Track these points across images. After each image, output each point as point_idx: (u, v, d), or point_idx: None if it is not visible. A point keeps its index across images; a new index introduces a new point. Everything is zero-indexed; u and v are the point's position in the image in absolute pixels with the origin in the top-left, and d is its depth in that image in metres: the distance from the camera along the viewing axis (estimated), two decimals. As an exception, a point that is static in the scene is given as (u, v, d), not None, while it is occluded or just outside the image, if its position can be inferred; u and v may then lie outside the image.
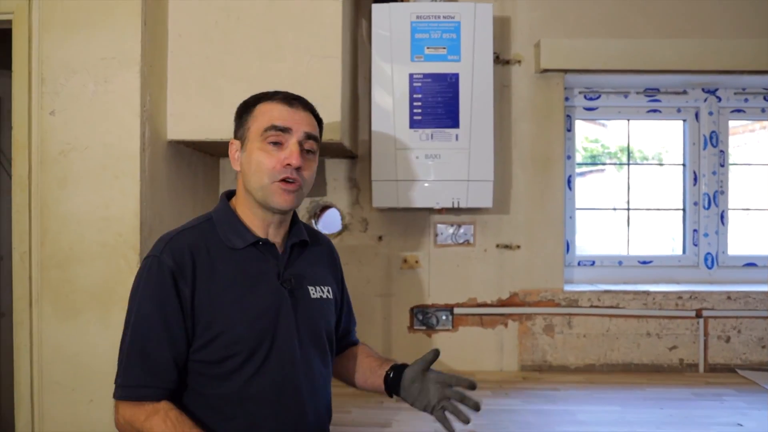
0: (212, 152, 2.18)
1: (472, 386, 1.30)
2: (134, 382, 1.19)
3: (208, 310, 1.22)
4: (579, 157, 2.55)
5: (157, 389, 1.19)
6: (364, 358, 1.47)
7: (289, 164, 1.23)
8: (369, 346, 1.55)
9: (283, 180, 1.24)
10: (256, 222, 1.30)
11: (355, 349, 1.52)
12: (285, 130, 1.25)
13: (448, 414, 1.31)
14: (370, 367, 1.44)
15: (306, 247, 1.38)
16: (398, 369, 1.37)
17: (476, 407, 1.30)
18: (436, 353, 1.35)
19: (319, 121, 1.35)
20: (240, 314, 1.23)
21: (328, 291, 1.38)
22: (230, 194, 1.37)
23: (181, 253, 1.23)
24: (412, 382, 1.33)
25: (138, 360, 1.19)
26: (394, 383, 1.36)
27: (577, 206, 2.48)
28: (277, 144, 1.25)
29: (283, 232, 1.34)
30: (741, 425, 1.69)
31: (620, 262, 2.50)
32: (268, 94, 1.31)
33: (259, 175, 1.25)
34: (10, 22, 1.69)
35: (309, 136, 1.27)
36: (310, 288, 1.34)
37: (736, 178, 2.54)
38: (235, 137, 1.32)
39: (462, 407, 1.31)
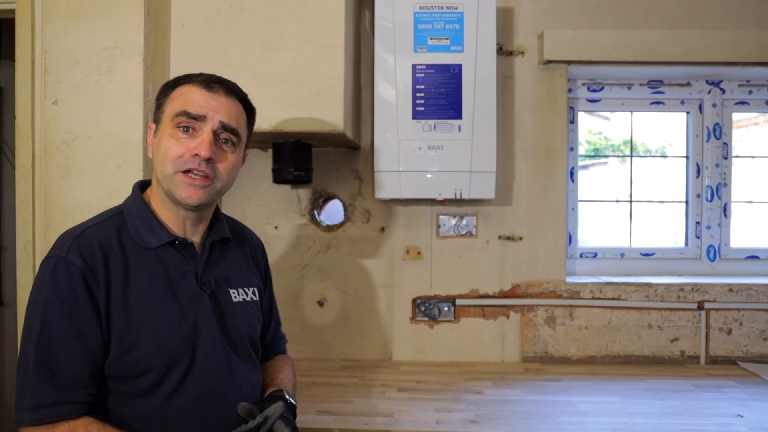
0: (215, 143, 2.18)
1: None
2: (46, 401, 1.02)
3: (122, 318, 1.08)
4: (582, 150, 2.55)
5: (74, 405, 1.03)
6: (267, 373, 1.35)
7: (197, 154, 1.11)
8: (286, 361, 1.44)
9: (187, 171, 1.12)
10: (171, 217, 1.18)
11: (273, 361, 1.41)
12: (198, 117, 1.13)
13: None
14: (268, 378, 1.34)
15: (228, 244, 1.28)
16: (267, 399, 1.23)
17: None
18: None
19: (250, 111, 1.25)
20: (157, 322, 1.10)
21: (253, 293, 1.28)
22: (144, 185, 1.25)
23: (90, 251, 1.09)
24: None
25: (47, 375, 1.03)
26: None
27: (579, 198, 2.48)
28: (189, 130, 1.14)
29: (202, 228, 1.23)
30: (741, 416, 1.69)
31: (622, 254, 2.49)
32: (189, 75, 1.19)
33: (163, 163, 1.13)
34: (13, 11, 1.69)
35: (225, 127, 1.15)
36: (231, 291, 1.24)
37: (739, 170, 2.54)
38: (153, 120, 1.21)
39: None
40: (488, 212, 2.29)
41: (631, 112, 2.54)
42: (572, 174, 2.45)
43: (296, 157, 2.03)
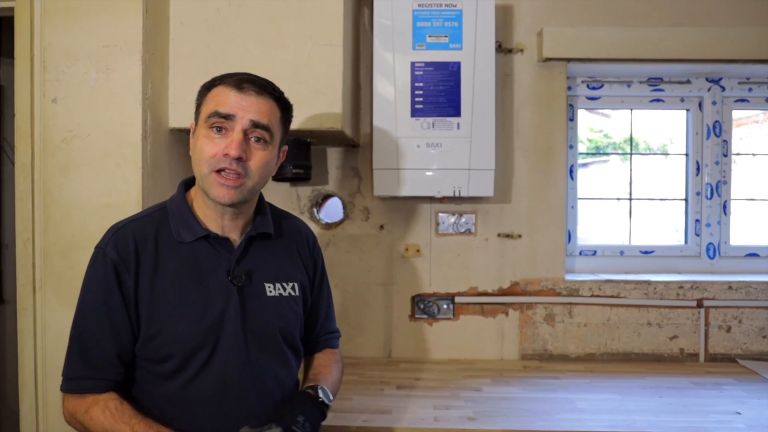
0: (214, 141, 2.18)
1: None
2: (76, 374, 1.16)
3: (149, 306, 1.17)
4: (583, 148, 2.55)
5: (100, 381, 1.16)
6: (312, 367, 1.39)
7: (227, 154, 1.15)
8: (336, 356, 1.45)
9: (220, 171, 1.16)
10: (209, 213, 1.23)
11: (322, 354, 1.44)
12: (228, 117, 1.16)
13: None
14: (310, 375, 1.37)
15: (270, 239, 1.31)
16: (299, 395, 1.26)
17: None
18: None
19: (285, 107, 1.26)
20: (181, 312, 1.17)
21: (292, 288, 1.30)
22: (189, 182, 1.30)
23: (125, 244, 1.18)
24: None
25: (80, 352, 1.16)
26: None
27: (579, 196, 2.48)
28: (222, 130, 1.17)
29: (241, 224, 1.27)
30: (739, 413, 1.69)
31: (622, 252, 2.49)
32: (224, 76, 1.22)
33: (200, 164, 1.18)
34: (12, 9, 1.69)
35: (256, 125, 1.18)
36: (267, 285, 1.26)
37: (739, 168, 2.53)
38: (194, 120, 1.26)
39: None
40: (487, 210, 2.29)
41: (631, 109, 2.54)
42: (572, 172, 2.45)
43: (295, 155, 2.03)
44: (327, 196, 2.34)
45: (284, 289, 1.29)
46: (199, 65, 1.81)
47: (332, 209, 2.36)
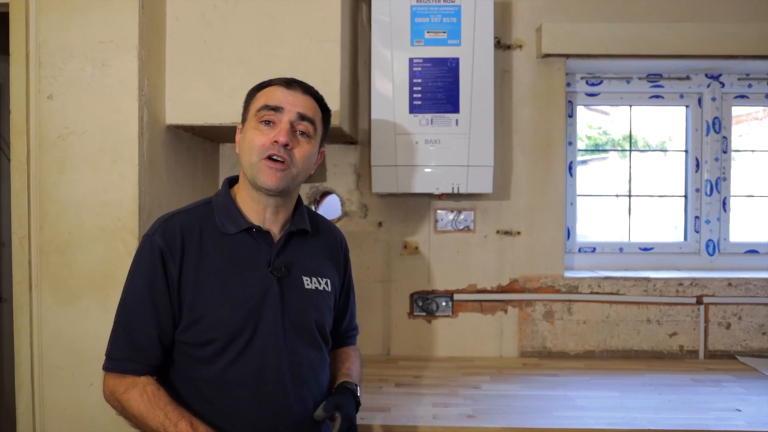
0: (211, 137, 2.17)
1: None
2: (118, 355, 1.22)
3: (192, 292, 1.23)
4: (581, 145, 2.54)
5: (140, 364, 1.22)
6: (340, 363, 1.45)
7: (276, 141, 1.23)
8: (356, 352, 1.53)
9: (270, 157, 1.23)
10: (253, 207, 1.30)
11: (344, 350, 1.51)
12: (277, 109, 1.25)
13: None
14: (335, 375, 1.42)
15: (307, 236, 1.37)
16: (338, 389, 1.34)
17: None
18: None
19: (325, 110, 1.35)
20: (223, 299, 1.23)
21: (326, 284, 1.36)
22: (233, 180, 1.38)
23: (172, 233, 1.25)
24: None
25: (124, 334, 1.23)
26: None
27: (578, 193, 2.47)
28: (270, 123, 1.26)
29: (282, 219, 1.33)
30: (739, 410, 1.69)
31: (621, 249, 2.49)
32: (272, 79, 1.32)
33: (249, 153, 1.25)
34: (7, 5, 1.68)
35: (303, 117, 1.27)
36: (305, 278, 1.32)
37: (739, 164, 2.53)
38: (241, 122, 1.34)
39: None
40: (486, 207, 2.28)
41: (630, 106, 2.53)
42: (570, 168, 2.44)
43: (293, 152, 2.02)
44: (325, 193, 2.33)
45: (319, 284, 1.35)
46: (195, 61, 1.80)
47: (330, 206, 2.35)
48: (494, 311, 2.28)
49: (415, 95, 2.02)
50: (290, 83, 1.30)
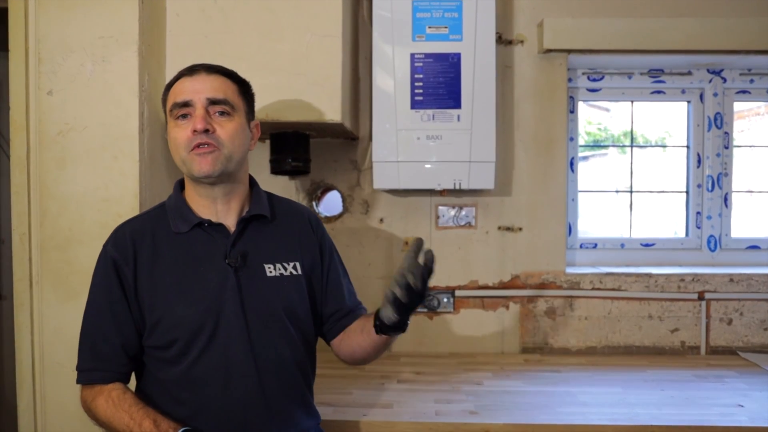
0: (212, 134, 2.16)
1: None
2: (84, 366, 1.26)
3: (149, 295, 1.24)
4: (582, 141, 2.53)
5: (106, 373, 1.24)
6: (359, 320, 1.39)
7: (195, 130, 1.22)
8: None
9: (196, 147, 1.23)
10: (202, 202, 1.30)
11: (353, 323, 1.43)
12: (186, 104, 1.25)
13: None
14: (363, 321, 1.36)
15: (267, 221, 1.35)
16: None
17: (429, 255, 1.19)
18: (418, 241, 1.20)
19: (239, 82, 1.32)
20: (179, 297, 1.24)
21: (294, 267, 1.33)
22: (184, 183, 1.37)
23: (123, 241, 1.27)
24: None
25: (87, 346, 1.26)
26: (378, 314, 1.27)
27: (579, 189, 2.46)
28: (186, 117, 1.25)
29: (236, 208, 1.32)
30: (741, 406, 1.68)
31: (622, 245, 2.48)
32: (180, 71, 1.31)
33: (178, 151, 1.26)
34: (6, 0, 1.67)
35: (213, 101, 1.25)
36: (266, 266, 1.30)
37: (740, 160, 2.52)
38: (165, 122, 1.33)
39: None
40: (488, 203, 2.27)
41: (632, 101, 2.52)
42: (572, 164, 2.44)
43: (294, 148, 2.01)
44: (326, 190, 2.32)
45: (285, 269, 1.32)
46: (196, 57, 1.76)
47: (331, 202, 2.34)
48: (496, 307, 2.28)
49: (416, 91, 2.01)
50: (193, 69, 1.28)
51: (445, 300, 2.27)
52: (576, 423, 1.57)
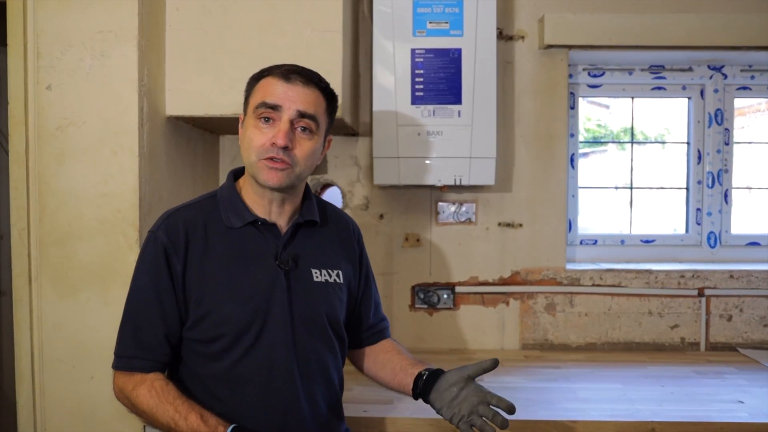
0: (211, 129, 2.16)
1: (511, 410, 1.20)
2: (126, 353, 1.23)
3: (198, 288, 1.22)
4: (581, 138, 2.52)
5: (148, 361, 1.22)
6: (395, 355, 1.41)
7: (274, 143, 1.19)
8: (401, 344, 1.49)
9: (270, 159, 1.20)
10: (258, 200, 1.28)
11: (387, 343, 1.47)
12: (275, 107, 1.20)
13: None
14: (401, 365, 1.36)
15: (315, 227, 1.34)
16: (433, 372, 1.29)
17: (504, 425, 1.19)
18: (494, 363, 1.25)
19: (330, 97, 1.29)
20: (229, 294, 1.22)
21: (337, 275, 1.34)
22: (238, 172, 1.35)
23: (175, 229, 1.23)
24: (450, 386, 1.24)
25: (130, 332, 1.23)
26: (426, 384, 1.28)
27: (579, 185, 2.46)
28: (270, 120, 1.21)
29: (289, 211, 1.31)
30: (741, 402, 1.69)
31: (623, 241, 2.48)
32: (272, 67, 1.26)
33: (248, 152, 1.23)
34: (4, -6, 1.66)
35: (303, 115, 1.21)
36: (313, 270, 1.30)
37: (741, 156, 2.52)
38: (243, 111, 1.30)
39: (489, 427, 1.19)
40: (488, 199, 2.27)
41: (632, 98, 2.52)
42: (572, 160, 2.43)
43: (294, 144, 2.00)
44: (326, 185, 2.32)
45: (329, 276, 1.32)
46: (196, 51, 1.78)
47: (331, 198, 2.33)
48: (496, 303, 2.27)
49: (417, 86, 2.01)
50: (290, 76, 1.23)
51: (445, 296, 2.27)
52: (576, 419, 1.57)
